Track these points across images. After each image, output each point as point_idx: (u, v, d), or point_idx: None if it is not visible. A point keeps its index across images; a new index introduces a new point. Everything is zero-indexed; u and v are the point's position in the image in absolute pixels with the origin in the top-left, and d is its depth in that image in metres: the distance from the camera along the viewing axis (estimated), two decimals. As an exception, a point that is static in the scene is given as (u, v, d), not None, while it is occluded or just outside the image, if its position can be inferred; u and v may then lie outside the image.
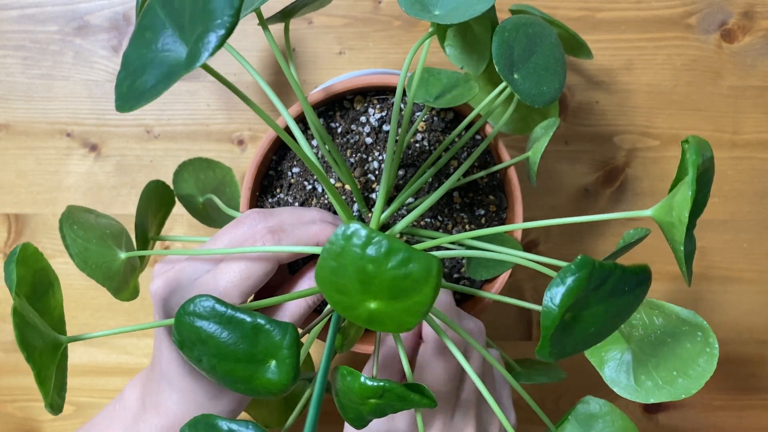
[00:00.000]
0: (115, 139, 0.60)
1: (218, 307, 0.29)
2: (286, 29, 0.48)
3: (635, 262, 0.62)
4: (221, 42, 0.25)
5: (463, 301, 0.50)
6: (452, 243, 0.46)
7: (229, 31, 0.25)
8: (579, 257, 0.28)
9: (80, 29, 0.60)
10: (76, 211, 0.37)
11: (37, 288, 0.30)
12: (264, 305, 0.34)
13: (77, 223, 0.35)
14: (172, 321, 0.31)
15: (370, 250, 0.27)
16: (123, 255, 0.37)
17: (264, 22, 0.41)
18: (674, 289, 0.62)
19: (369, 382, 0.30)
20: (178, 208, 0.58)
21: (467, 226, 0.49)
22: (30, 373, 0.68)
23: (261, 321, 0.29)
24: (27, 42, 0.60)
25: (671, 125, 0.61)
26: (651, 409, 0.64)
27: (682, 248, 0.29)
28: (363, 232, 0.27)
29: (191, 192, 0.50)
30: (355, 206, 0.47)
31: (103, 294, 0.61)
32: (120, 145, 0.60)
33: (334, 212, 0.48)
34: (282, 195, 0.49)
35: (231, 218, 0.52)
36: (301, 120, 0.48)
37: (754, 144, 0.61)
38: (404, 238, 0.47)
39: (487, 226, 0.49)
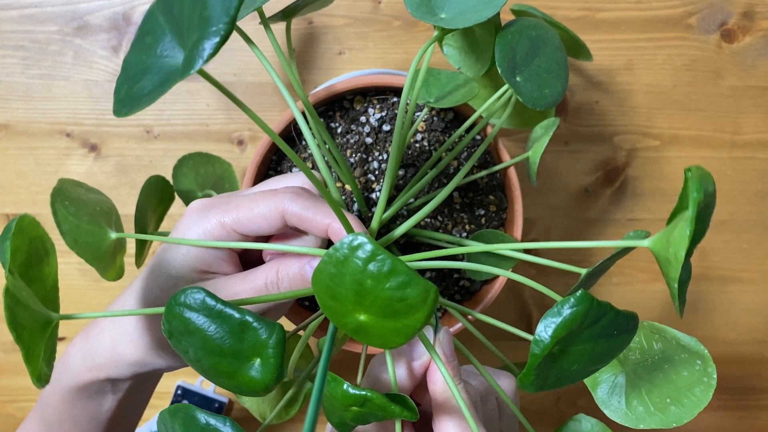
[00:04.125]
0: (114, 139, 0.60)
1: (208, 300, 0.29)
2: (288, 28, 0.48)
3: (634, 263, 0.62)
4: (215, 50, 0.25)
5: (463, 301, 0.50)
6: (451, 243, 0.46)
7: (224, 39, 0.25)
8: (580, 291, 0.28)
9: (80, 29, 0.59)
10: (68, 184, 0.36)
11: (32, 256, 0.30)
12: (254, 302, 0.33)
13: (69, 199, 0.35)
14: (160, 309, 0.31)
15: (372, 266, 0.27)
16: (113, 235, 0.36)
17: (266, 21, 0.41)
18: (674, 289, 0.62)
19: (351, 390, 0.30)
20: (178, 208, 0.58)
21: (467, 226, 0.49)
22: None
23: (249, 318, 0.29)
24: (27, 42, 0.59)
25: (671, 125, 0.61)
26: (651, 409, 0.64)
27: (676, 285, 0.29)
28: (369, 247, 0.27)
29: (190, 187, 0.50)
30: (355, 206, 0.47)
31: (103, 294, 0.61)
32: (120, 145, 0.60)
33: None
34: (282, 195, 0.49)
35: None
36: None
37: (754, 144, 0.61)
38: (404, 238, 0.47)
39: (487, 226, 0.49)
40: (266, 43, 0.60)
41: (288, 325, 0.49)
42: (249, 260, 0.42)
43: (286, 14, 0.46)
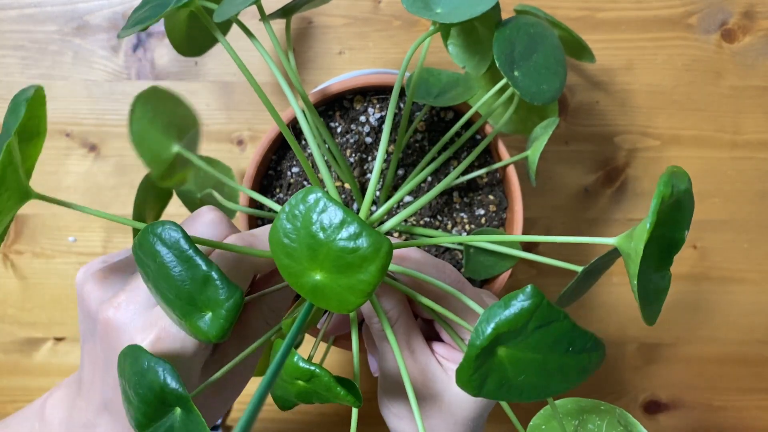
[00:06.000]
0: (114, 139, 0.60)
1: (183, 243, 0.29)
2: (288, 26, 0.48)
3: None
4: None
5: (463, 301, 0.50)
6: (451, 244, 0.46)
7: None
8: (529, 287, 0.26)
9: (79, 29, 0.59)
10: (161, 93, 0.39)
11: (25, 133, 0.31)
12: (231, 249, 0.33)
13: (152, 104, 0.37)
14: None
15: (324, 217, 0.27)
16: (176, 148, 0.39)
17: (265, 17, 0.41)
18: (675, 289, 0.62)
19: (301, 363, 0.30)
20: (177, 207, 0.57)
21: (467, 226, 0.49)
22: (30, 374, 0.68)
23: (214, 275, 0.29)
24: (26, 42, 0.59)
25: (671, 125, 0.61)
26: (651, 410, 0.64)
27: (635, 282, 0.27)
28: (321, 198, 0.27)
29: (189, 187, 0.50)
30: (355, 205, 0.47)
31: (103, 294, 0.61)
32: (119, 145, 0.60)
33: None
34: (281, 195, 0.49)
35: (231, 211, 0.52)
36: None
37: (755, 144, 0.61)
38: (403, 237, 0.47)
39: (487, 226, 0.49)
40: (266, 41, 0.60)
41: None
42: None
43: (285, 12, 0.46)
